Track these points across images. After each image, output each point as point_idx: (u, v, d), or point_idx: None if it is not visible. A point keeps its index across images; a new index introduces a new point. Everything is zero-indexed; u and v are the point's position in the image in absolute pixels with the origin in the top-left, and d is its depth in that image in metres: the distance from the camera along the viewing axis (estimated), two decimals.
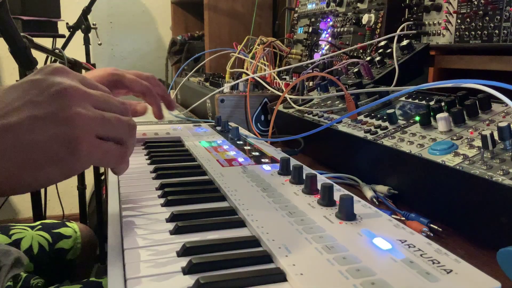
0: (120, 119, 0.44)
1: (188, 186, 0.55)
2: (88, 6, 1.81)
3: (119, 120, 0.44)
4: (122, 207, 0.49)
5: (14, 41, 1.10)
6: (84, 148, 0.40)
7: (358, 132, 0.68)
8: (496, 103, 0.59)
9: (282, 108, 0.94)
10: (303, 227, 0.40)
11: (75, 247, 0.86)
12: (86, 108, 0.41)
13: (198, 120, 1.05)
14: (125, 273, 0.34)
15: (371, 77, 0.91)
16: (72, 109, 0.40)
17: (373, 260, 0.34)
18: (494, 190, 0.44)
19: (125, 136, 0.44)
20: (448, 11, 0.89)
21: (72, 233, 0.86)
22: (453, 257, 0.34)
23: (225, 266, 0.35)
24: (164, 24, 2.95)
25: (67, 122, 0.39)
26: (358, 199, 0.47)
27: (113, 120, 0.43)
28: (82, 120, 0.40)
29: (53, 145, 0.39)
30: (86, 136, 0.40)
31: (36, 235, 0.82)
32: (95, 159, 0.41)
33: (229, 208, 0.47)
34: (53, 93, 0.40)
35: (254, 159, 0.65)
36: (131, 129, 0.45)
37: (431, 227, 0.49)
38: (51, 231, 0.84)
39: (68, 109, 0.40)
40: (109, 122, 0.43)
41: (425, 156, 0.53)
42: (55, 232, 0.84)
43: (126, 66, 2.97)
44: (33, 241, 0.80)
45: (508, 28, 0.77)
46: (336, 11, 1.30)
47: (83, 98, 0.42)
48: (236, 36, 2.00)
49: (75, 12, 1.91)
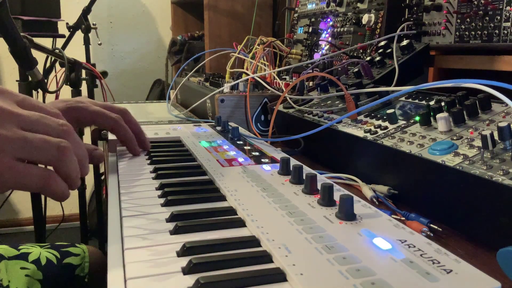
0: (46, 141, 0.43)
1: (188, 186, 0.55)
2: (88, 6, 1.82)
3: (45, 142, 0.42)
4: (122, 207, 0.49)
5: (14, 41, 1.10)
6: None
7: (358, 132, 0.68)
8: (496, 103, 0.59)
9: (282, 108, 0.94)
10: (303, 227, 0.40)
11: (83, 264, 0.86)
12: (6, 129, 0.41)
13: (198, 120, 1.05)
14: (125, 273, 0.34)
15: (371, 77, 0.91)
16: None
17: (373, 260, 0.34)
18: (494, 190, 0.44)
19: (52, 159, 0.43)
20: (448, 11, 0.89)
21: (81, 252, 0.87)
22: (453, 257, 0.34)
23: (225, 266, 0.35)
24: (164, 24, 2.95)
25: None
26: (358, 199, 0.47)
27: (36, 141, 0.42)
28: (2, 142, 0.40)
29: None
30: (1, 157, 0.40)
31: (44, 251, 0.82)
32: (10, 182, 0.41)
33: (229, 208, 0.47)
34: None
35: (254, 159, 0.65)
36: (61, 151, 0.43)
37: (431, 227, 0.49)
38: (59, 249, 0.85)
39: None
40: (31, 144, 0.42)
41: (425, 156, 0.53)
42: (64, 250, 0.85)
43: (126, 66, 2.97)
44: (41, 255, 0.80)
45: (508, 28, 0.77)
46: (336, 11, 1.30)
47: (8, 118, 0.42)
48: (236, 36, 2.00)
49: (75, 12, 1.92)
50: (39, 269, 0.78)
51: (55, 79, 1.88)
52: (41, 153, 0.42)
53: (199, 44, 2.32)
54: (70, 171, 0.45)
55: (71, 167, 0.45)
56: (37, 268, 0.78)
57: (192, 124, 0.95)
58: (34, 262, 0.78)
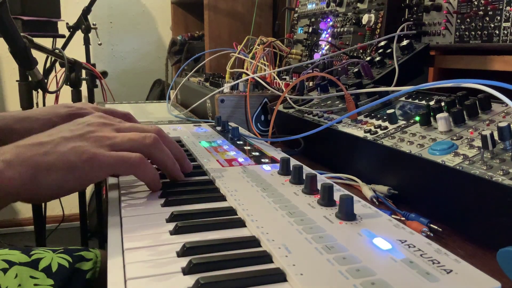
0: (132, 139, 0.52)
1: (188, 186, 0.55)
2: (88, 6, 1.81)
3: (131, 140, 0.52)
4: (122, 207, 0.49)
5: (14, 41, 1.10)
6: (94, 157, 0.48)
7: (358, 132, 0.68)
8: (496, 103, 0.59)
9: (282, 108, 0.94)
10: (303, 227, 0.40)
11: (94, 268, 0.86)
12: (105, 132, 0.52)
13: (198, 120, 1.05)
14: (125, 273, 0.34)
15: (371, 77, 0.91)
16: (96, 133, 0.52)
17: (373, 260, 0.34)
18: (494, 190, 0.44)
19: (144, 150, 0.52)
20: (448, 11, 0.89)
21: (93, 256, 0.87)
22: (453, 257, 0.34)
23: (225, 266, 0.35)
24: (164, 24, 2.95)
25: (86, 140, 0.50)
26: (358, 199, 0.47)
27: (128, 135, 0.53)
28: (99, 139, 0.51)
29: (70, 154, 0.48)
30: (97, 149, 0.49)
31: (57, 256, 0.82)
32: (107, 167, 0.49)
33: (229, 208, 0.47)
34: (83, 127, 0.53)
35: (254, 159, 0.65)
36: (149, 139, 0.53)
37: (431, 227, 0.49)
38: (72, 254, 0.85)
39: (91, 133, 0.51)
40: (124, 137, 0.52)
41: (425, 156, 0.53)
42: (76, 254, 0.85)
43: (126, 66, 2.97)
44: (52, 261, 0.81)
45: (508, 28, 0.77)
46: (336, 11, 1.30)
47: (104, 125, 0.54)
48: (236, 36, 2.00)
49: (75, 12, 1.92)
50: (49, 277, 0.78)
51: (55, 79, 1.88)
52: (134, 143, 0.52)
53: (199, 44, 2.32)
54: (162, 156, 0.54)
55: (163, 154, 0.54)
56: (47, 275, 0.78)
57: (192, 124, 0.95)
58: (44, 270, 0.79)
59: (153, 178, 0.53)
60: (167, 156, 0.54)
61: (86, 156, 0.48)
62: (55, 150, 0.48)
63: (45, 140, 0.49)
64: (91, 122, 0.54)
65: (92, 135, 0.51)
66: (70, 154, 0.48)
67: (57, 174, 0.47)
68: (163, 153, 0.54)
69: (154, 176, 0.53)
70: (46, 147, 0.48)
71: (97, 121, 0.54)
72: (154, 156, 0.53)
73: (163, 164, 0.54)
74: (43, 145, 0.48)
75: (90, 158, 0.48)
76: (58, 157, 0.47)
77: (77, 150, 0.48)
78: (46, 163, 0.46)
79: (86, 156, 0.48)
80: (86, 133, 0.51)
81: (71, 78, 1.55)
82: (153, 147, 0.53)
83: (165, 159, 0.54)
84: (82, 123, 0.53)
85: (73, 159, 0.47)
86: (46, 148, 0.48)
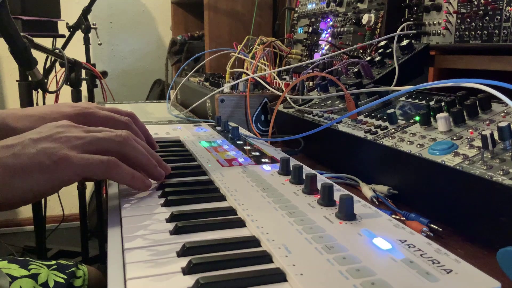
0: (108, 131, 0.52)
1: (188, 186, 0.55)
2: (88, 6, 1.81)
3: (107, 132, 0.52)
4: (122, 207, 0.49)
5: (14, 41, 1.10)
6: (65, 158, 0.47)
7: (358, 132, 0.68)
8: (496, 103, 0.59)
9: (282, 108, 0.94)
10: (303, 227, 0.40)
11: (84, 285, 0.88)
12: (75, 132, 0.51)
13: (198, 120, 1.05)
14: (125, 273, 0.34)
15: (371, 77, 0.91)
16: (65, 133, 0.50)
17: (373, 260, 0.34)
18: (494, 190, 0.44)
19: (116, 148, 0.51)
20: (448, 11, 0.89)
21: (82, 274, 0.89)
22: (453, 257, 0.34)
23: (225, 266, 0.35)
24: (164, 24, 2.95)
25: (55, 141, 0.48)
26: (358, 199, 0.47)
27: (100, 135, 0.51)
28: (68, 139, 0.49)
29: (40, 155, 0.46)
30: (68, 150, 0.48)
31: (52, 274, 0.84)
32: (79, 169, 0.47)
33: (229, 208, 0.47)
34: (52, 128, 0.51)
35: (254, 159, 0.65)
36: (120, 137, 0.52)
37: (431, 227, 0.49)
38: (65, 271, 0.87)
39: (61, 133, 0.50)
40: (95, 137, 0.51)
41: (425, 156, 0.53)
42: (69, 272, 0.87)
43: (126, 66, 2.97)
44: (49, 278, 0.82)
45: (508, 28, 0.77)
46: (336, 11, 1.30)
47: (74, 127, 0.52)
48: (236, 36, 2.00)
49: (75, 12, 1.92)
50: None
51: (55, 79, 1.88)
52: (104, 142, 0.51)
53: (199, 44, 2.32)
54: (136, 153, 0.53)
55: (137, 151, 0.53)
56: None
57: (192, 124, 0.95)
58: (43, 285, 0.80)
59: (131, 177, 0.51)
60: (140, 153, 0.53)
61: (57, 157, 0.47)
62: (24, 152, 0.46)
63: (14, 142, 0.47)
64: (59, 124, 0.52)
65: (61, 135, 0.50)
66: (40, 155, 0.46)
67: (28, 176, 0.45)
68: (137, 149, 0.53)
69: (133, 175, 0.51)
70: (15, 149, 0.46)
71: (67, 123, 0.53)
72: (128, 154, 0.52)
73: (138, 161, 0.53)
74: (11, 147, 0.46)
75: (60, 159, 0.47)
76: (28, 158, 0.46)
77: (47, 151, 0.47)
78: (16, 165, 0.45)
79: (56, 157, 0.47)
80: (54, 133, 0.50)
81: (71, 78, 1.55)
82: (126, 144, 0.52)
83: (140, 155, 0.53)
84: (51, 126, 0.52)
85: (44, 160, 0.46)
86: (14, 150, 0.46)
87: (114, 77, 2.88)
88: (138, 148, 0.53)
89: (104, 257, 2.05)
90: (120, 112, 0.67)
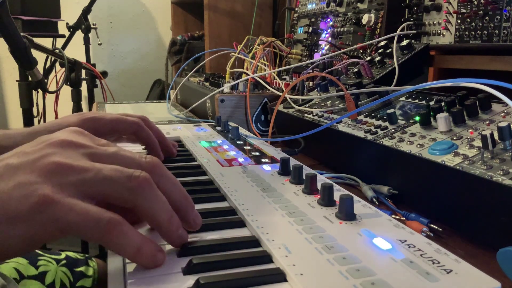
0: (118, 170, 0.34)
1: (188, 186, 0.54)
2: (88, 6, 1.82)
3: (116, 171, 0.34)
4: None
5: (14, 41, 1.11)
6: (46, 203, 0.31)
7: (358, 132, 0.68)
8: (496, 103, 0.59)
9: (282, 108, 0.94)
10: (303, 227, 0.40)
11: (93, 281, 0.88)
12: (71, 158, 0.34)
13: (198, 120, 1.05)
14: (125, 273, 0.34)
15: (371, 77, 0.91)
16: (55, 157, 0.34)
17: (373, 260, 0.34)
18: (494, 190, 0.44)
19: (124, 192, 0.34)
20: (448, 11, 0.89)
21: (92, 273, 0.88)
22: (453, 257, 0.34)
23: (225, 266, 0.35)
24: (164, 24, 2.95)
25: (39, 170, 0.33)
26: (358, 199, 0.47)
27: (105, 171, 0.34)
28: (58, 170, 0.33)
29: (12, 195, 0.31)
30: (56, 191, 0.32)
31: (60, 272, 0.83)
32: (66, 226, 0.31)
33: (229, 208, 0.47)
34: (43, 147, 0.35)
35: (254, 159, 0.65)
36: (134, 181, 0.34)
37: (431, 227, 0.49)
38: (73, 269, 0.86)
39: (50, 156, 0.34)
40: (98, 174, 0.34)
41: (425, 156, 0.53)
42: (77, 271, 0.86)
43: (126, 66, 2.97)
44: (56, 277, 0.82)
45: (508, 28, 0.77)
46: (336, 11, 1.30)
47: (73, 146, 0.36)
48: (236, 36, 2.00)
49: (75, 12, 1.92)
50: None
51: (55, 79, 1.88)
52: (110, 185, 0.34)
53: (199, 44, 2.32)
54: (153, 207, 0.35)
55: (155, 204, 0.35)
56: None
57: (192, 124, 0.95)
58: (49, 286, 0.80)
59: (136, 251, 0.33)
60: (160, 208, 0.35)
61: (33, 201, 0.31)
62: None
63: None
64: (53, 140, 0.36)
65: (50, 161, 0.33)
66: (13, 195, 0.31)
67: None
68: (155, 202, 0.35)
69: (138, 248, 0.33)
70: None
71: (65, 139, 0.36)
72: (141, 207, 0.35)
73: (154, 219, 0.36)
74: None
75: (39, 204, 0.31)
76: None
77: (22, 189, 0.31)
78: None
79: (33, 201, 0.31)
80: (41, 156, 0.34)
81: (71, 78, 1.55)
82: (141, 193, 0.34)
83: (158, 211, 0.35)
84: (43, 141, 0.36)
85: (15, 203, 0.31)
86: None
87: (114, 77, 2.88)
88: (157, 200, 0.35)
89: (104, 257, 2.05)
90: (131, 115, 0.62)
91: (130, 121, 0.58)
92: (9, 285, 0.66)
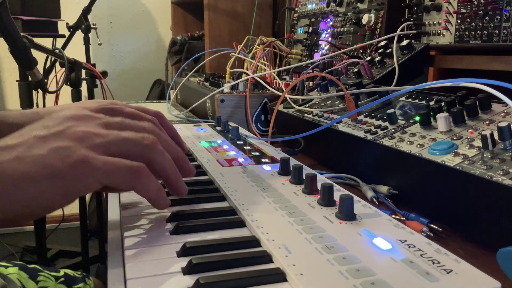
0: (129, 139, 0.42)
1: (188, 186, 0.54)
2: (88, 6, 1.81)
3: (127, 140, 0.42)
4: (122, 207, 0.49)
5: (14, 41, 1.10)
6: (84, 161, 0.38)
7: (358, 132, 0.68)
8: (496, 103, 0.59)
9: (282, 108, 0.94)
10: (303, 227, 0.40)
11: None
12: (92, 127, 0.41)
13: (198, 120, 1.05)
14: (125, 273, 0.34)
15: (371, 77, 0.91)
16: (79, 127, 0.40)
17: (373, 260, 0.34)
18: (494, 190, 0.44)
19: (142, 152, 0.42)
20: (448, 11, 0.89)
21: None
22: (453, 257, 0.34)
23: (225, 266, 0.35)
24: (164, 24, 2.95)
25: (69, 138, 0.39)
26: (358, 199, 0.47)
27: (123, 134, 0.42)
28: (86, 136, 0.40)
29: (50, 158, 0.37)
30: (87, 151, 0.38)
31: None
32: (101, 175, 0.38)
33: (229, 208, 0.47)
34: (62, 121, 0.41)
35: (254, 159, 0.65)
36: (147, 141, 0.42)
37: (431, 227, 0.49)
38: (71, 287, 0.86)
39: (75, 127, 0.40)
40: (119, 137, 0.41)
41: (425, 156, 0.53)
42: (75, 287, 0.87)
43: (126, 66, 2.97)
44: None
45: (508, 28, 0.77)
46: (336, 11, 1.30)
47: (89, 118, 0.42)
48: (236, 36, 2.00)
49: (75, 12, 1.91)
50: None
51: (55, 79, 1.88)
52: (130, 144, 0.41)
53: (199, 44, 2.32)
54: (163, 161, 0.43)
55: (163, 159, 0.43)
56: None
57: (192, 124, 0.95)
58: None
59: (157, 191, 0.42)
60: (167, 162, 0.44)
61: (73, 160, 0.37)
62: (29, 153, 0.37)
63: (15, 142, 0.38)
64: (71, 115, 0.42)
65: (76, 130, 0.40)
66: (51, 158, 0.37)
67: (35, 185, 0.36)
68: (163, 157, 0.44)
69: (159, 189, 0.42)
70: (17, 150, 0.37)
71: (79, 113, 0.43)
72: (155, 162, 0.43)
73: (165, 172, 0.44)
74: (12, 148, 0.37)
75: (78, 163, 0.37)
76: (35, 162, 0.36)
77: (60, 153, 0.37)
78: (20, 171, 0.36)
79: (72, 160, 0.37)
80: (66, 128, 0.40)
81: (71, 78, 1.55)
82: (153, 149, 0.43)
83: (167, 166, 0.44)
84: (60, 117, 0.41)
85: (56, 163, 0.37)
86: (17, 152, 0.37)
87: (114, 77, 2.88)
88: (166, 156, 0.44)
89: (104, 257, 2.05)
90: (147, 110, 0.59)
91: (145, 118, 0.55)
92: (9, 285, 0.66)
